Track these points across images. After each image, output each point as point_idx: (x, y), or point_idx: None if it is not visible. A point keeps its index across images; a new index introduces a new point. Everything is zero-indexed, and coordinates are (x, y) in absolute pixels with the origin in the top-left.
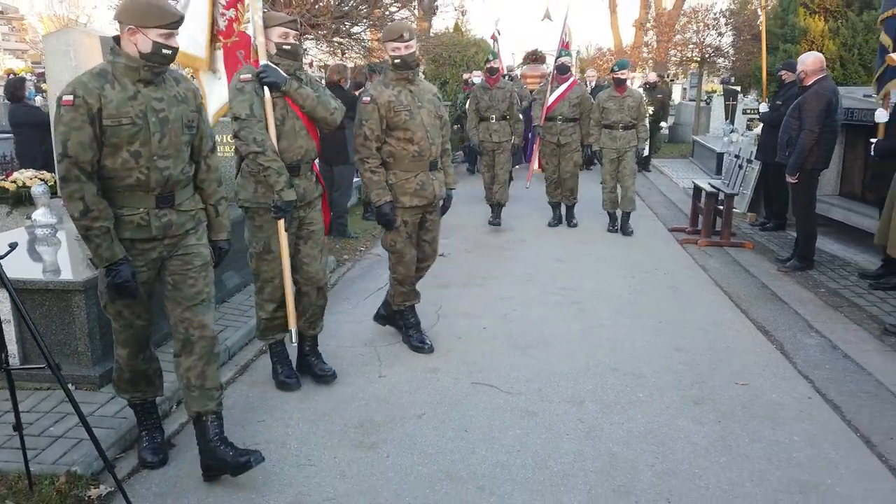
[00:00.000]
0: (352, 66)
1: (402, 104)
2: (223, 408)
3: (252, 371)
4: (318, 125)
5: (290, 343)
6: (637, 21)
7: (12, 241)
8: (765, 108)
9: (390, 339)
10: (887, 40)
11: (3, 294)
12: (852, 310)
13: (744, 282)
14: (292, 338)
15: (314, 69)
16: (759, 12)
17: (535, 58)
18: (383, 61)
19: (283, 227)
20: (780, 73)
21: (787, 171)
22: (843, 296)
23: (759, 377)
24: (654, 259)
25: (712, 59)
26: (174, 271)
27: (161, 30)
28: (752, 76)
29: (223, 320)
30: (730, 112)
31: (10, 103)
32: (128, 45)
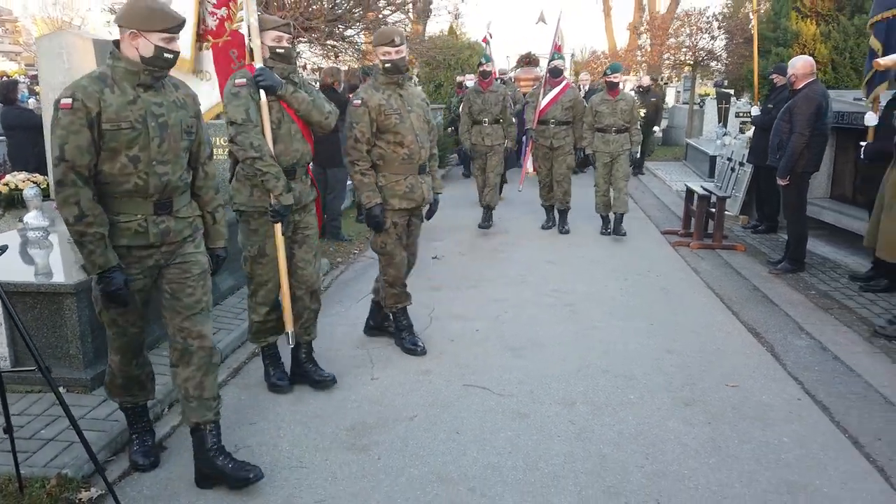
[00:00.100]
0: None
1: (393, 108)
2: (220, 416)
3: (244, 374)
4: (313, 129)
5: (288, 344)
6: (631, 24)
7: (3, 244)
8: (756, 111)
9: (383, 341)
10: (877, 44)
11: None
12: (842, 312)
13: (735, 284)
14: (290, 339)
15: (307, 72)
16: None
17: (528, 61)
18: (376, 65)
19: (279, 231)
20: (772, 77)
21: (778, 174)
22: (834, 298)
23: (750, 379)
24: (646, 261)
25: (705, 63)
26: (172, 280)
27: (163, 34)
28: (744, 79)
29: (216, 323)
30: (722, 115)
31: (2, 106)
32: (128, 49)
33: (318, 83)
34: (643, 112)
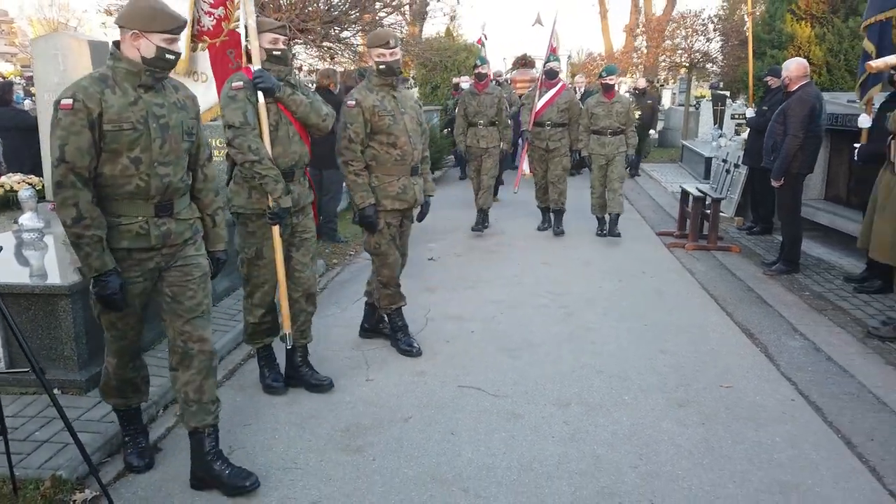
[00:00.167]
0: (341, 70)
1: (387, 109)
2: (219, 420)
3: (239, 375)
4: (310, 131)
5: (286, 346)
6: (627, 26)
7: None
8: (751, 113)
9: (378, 342)
10: (870, 46)
11: None
12: (836, 313)
13: (730, 285)
14: (287, 341)
15: (304, 74)
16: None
17: (524, 62)
18: (371, 66)
19: (277, 233)
20: (766, 79)
21: (772, 176)
22: (828, 299)
23: (743, 379)
24: (641, 263)
25: (701, 65)
26: (173, 283)
27: (165, 35)
28: (740, 81)
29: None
30: (718, 117)
31: None
32: (129, 49)
33: (314, 85)
34: (638, 114)
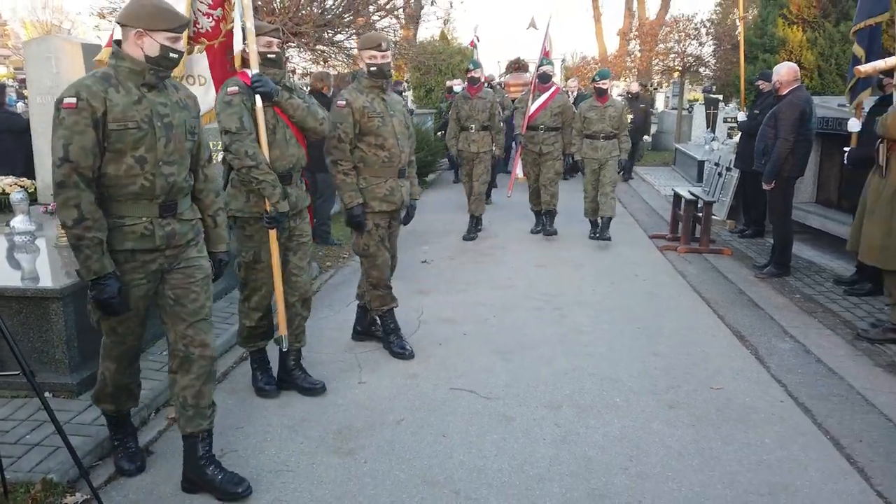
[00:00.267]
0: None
1: (376, 111)
2: (213, 425)
3: (231, 378)
4: (307, 134)
5: (282, 349)
6: (621, 30)
7: None
8: (743, 116)
9: (371, 345)
10: (860, 51)
11: None
12: (826, 315)
13: (721, 288)
14: (283, 343)
15: (297, 77)
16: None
17: (518, 66)
18: (362, 69)
19: (274, 237)
20: (758, 83)
21: (763, 179)
22: (818, 301)
23: (734, 381)
24: (633, 265)
25: (694, 69)
26: (176, 285)
27: (169, 33)
28: (732, 85)
29: None
30: (711, 120)
31: None
32: (132, 48)
33: (307, 88)
34: (630, 117)
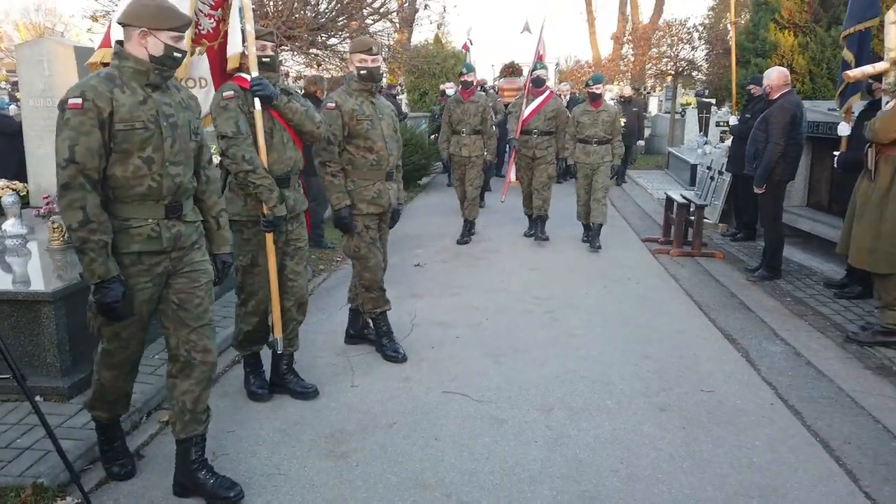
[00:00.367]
0: (328, 77)
1: (365, 114)
2: (207, 430)
3: (224, 381)
4: (304, 138)
5: (277, 351)
6: (615, 34)
7: None
8: (734, 120)
9: (363, 348)
10: (850, 56)
11: None
12: (816, 318)
13: (713, 291)
14: (279, 346)
15: (291, 80)
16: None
17: (511, 70)
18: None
19: (271, 241)
20: (749, 87)
21: (755, 183)
22: (809, 304)
23: (724, 384)
24: (626, 269)
25: (687, 73)
26: (180, 289)
27: (172, 32)
28: (725, 89)
29: None
30: (703, 124)
31: None
32: (136, 48)
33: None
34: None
